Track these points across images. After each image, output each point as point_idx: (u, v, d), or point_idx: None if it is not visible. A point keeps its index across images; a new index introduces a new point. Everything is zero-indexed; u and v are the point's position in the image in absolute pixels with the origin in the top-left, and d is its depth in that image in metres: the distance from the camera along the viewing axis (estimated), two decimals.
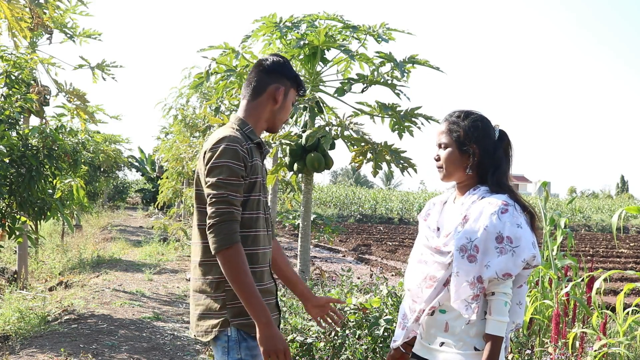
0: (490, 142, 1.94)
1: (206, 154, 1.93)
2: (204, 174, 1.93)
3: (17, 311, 5.26)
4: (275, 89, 2.05)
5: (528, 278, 1.96)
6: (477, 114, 1.97)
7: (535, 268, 1.90)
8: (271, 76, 2.06)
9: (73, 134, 6.22)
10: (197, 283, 1.99)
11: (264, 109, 2.07)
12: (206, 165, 1.91)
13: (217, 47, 5.62)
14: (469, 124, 1.94)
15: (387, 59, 5.65)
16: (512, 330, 1.94)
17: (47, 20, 7.16)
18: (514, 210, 1.86)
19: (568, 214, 30.92)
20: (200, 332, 1.97)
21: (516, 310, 1.92)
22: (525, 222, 1.87)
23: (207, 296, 1.96)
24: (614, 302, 3.83)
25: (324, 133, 5.49)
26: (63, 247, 10.69)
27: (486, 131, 1.95)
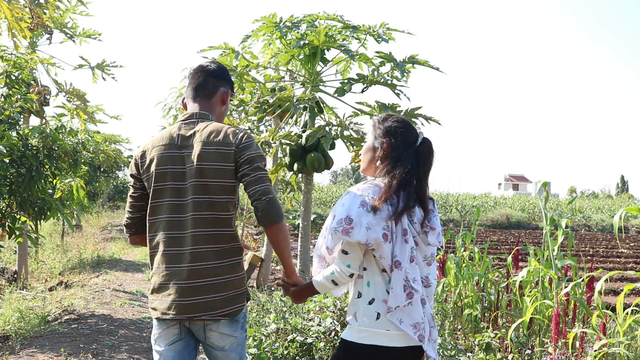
0: (400, 143, 2.09)
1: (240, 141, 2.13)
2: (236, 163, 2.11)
3: (17, 311, 5.26)
4: (227, 94, 2.34)
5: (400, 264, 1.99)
6: (399, 119, 2.15)
7: (375, 247, 1.97)
8: (220, 80, 2.32)
9: (73, 134, 6.22)
10: (223, 266, 2.11)
11: (217, 109, 2.33)
12: (245, 151, 2.11)
13: (217, 47, 5.62)
14: (385, 124, 2.13)
15: (387, 59, 5.65)
16: (391, 311, 1.99)
17: (47, 20, 7.16)
18: (353, 193, 2.03)
19: (568, 214, 30.92)
20: (227, 312, 2.10)
21: (385, 293, 2.01)
22: (356, 203, 1.99)
23: (232, 277, 2.13)
24: (614, 302, 3.83)
25: (324, 133, 5.49)
26: (63, 247, 10.69)
27: (400, 133, 2.11)
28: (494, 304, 4.54)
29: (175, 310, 2.09)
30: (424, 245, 2.09)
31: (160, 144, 2.18)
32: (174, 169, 2.14)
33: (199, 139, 2.14)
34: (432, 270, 2.14)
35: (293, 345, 3.70)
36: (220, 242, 2.12)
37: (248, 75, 5.82)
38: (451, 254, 4.99)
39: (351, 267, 2.02)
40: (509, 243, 16.66)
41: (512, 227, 27.41)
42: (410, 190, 2.04)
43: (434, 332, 2.09)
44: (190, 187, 2.10)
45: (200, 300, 2.08)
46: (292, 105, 5.71)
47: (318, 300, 3.99)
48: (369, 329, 1.99)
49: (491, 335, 3.81)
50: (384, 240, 1.96)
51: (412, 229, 2.06)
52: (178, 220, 2.12)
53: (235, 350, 2.16)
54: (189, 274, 2.09)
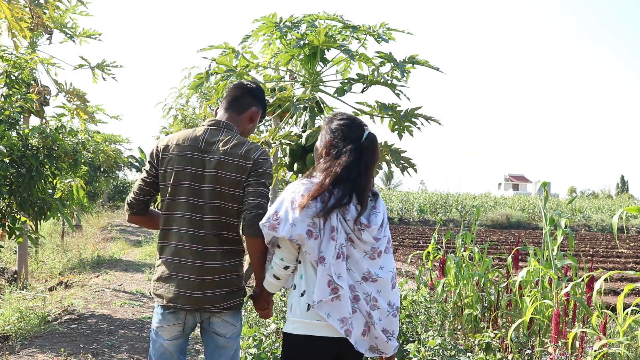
0: (340, 140, 2.16)
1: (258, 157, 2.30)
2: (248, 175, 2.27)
3: (17, 311, 5.26)
4: (255, 112, 2.46)
5: (310, 255, 2.07)
6: (344, 116, 2.23)
7: (297, 240, 2.05)
8: (255, 100, 2.47)
9: (73, 134, 6.22)
10: (229, 266, 2.32)
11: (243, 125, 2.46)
12: (258, 167, 2.28)
13: (217, 47, 5.61)
14: (330, 124, 2.22)
15: (387, 59, 5.64)
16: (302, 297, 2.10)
17: (47, 20, 7.16)
18: (290, 188, 2.13)
19: (568, 214, 30.90)
20: (228, 305, 2.31)
21: (310, 285, 2.10)
22: (287, 200, 2.08)
23: (234, 275, 2.33)
24: (614, 302, 3.83)
25: None
26: (63, 247, 10.69)
27: (341, 131, 2.17)
28: (494, 304, 4.54)
29: (182, 301, 2.26)
30: (358, 241, 2.11)
31: (184, 144, 2.32)
32: (193, 171, 2.28)
33: (222, 147, 2.29)
34: (380, 263, 2.15)
35: None
36: (228, 244, 2.32)
37: (248, 75, 5.81)
38: (451, 254, 4.99)
39: (284, 260, 2.13)
40: (509, 243, 16.66)
41: (512, 227, 27.41)
42: (347, 186, 2.09)
43: (372, 331, 2.10)
44: (207, 191, 2.27)
45: (206, 294, 2.27)
46: (292, 105, 5.71)
47: None
48: (301, 319, 2.08)
49: (491, 335, 3.81)
50: (308, 236, 2.03)
51: (344, 225, 2.09)
52: (194, 219, 2.27)
53: (235, 340, 2.38)
54: (199, 270, 2.27)
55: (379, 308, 2.12)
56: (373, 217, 2.17)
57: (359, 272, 2.11)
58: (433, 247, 5.32)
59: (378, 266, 2.15)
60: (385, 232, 2.20)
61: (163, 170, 2.34)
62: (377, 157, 2.23)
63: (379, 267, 2.15)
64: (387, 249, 2.20)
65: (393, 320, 2.14)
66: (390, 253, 2.22)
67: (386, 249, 2.19)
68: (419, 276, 5.27)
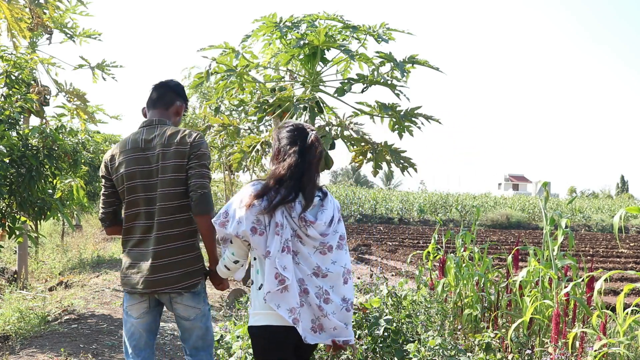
0: (287, 145, 2.33)
1: (194, 140, 2.50)
2: (188, 158, 2.47)
3: (17, 311, 5.26)
4: (182, 107, 2.72)
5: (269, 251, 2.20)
6: (292, 123, 2.43)
7: (243, 236, 2.22)
8: (179, 96, 2.72)
9: (73, 134, 6.22)
10: (180, 247, 2.49)
11: (174, 119, 2.71)
12: (196, 149, 2.48)
13: (217, 47, 5.61)
14: (278, 131, 2.43)
15: (387, 59, 5.64)
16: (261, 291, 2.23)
17: (47, 20, 7.16)
18: (243, 189, 2.30)
19: (568, 214, 30.89)
20: (182, 286, 2.48)
21: (257, 276, 2.28)
22: (237, 199, 2.25)
23: (190, 256, 2.51)
24: (614, 302, 3.83)
25: (324, 133, 5.48)
26: (63, 247, 10.69)
27: (288, 136, 2.36)
28: (494, 304, 4.53)
29: (142, 285, 2.47)
30: (305, 236, 2.25)
31: (126, 148, 2.56)
32: (141, 169, 2.52)
33: (159, 141, 2.52)
34: (331, 258, 2.28)
35: None
36: (178, 226, 2.49)
37: (248, 75, 5.81)
38: (451, 254, 4.99)
39: (235, 255, 2.33)
40: (509, 243, 16.66)
41: (512, 227, 27.40)
42: (292, 185, 2.25)
43: (326, 322, 2.23)
44: (156, 183, 2.49)
45: (163, 277, 2.46)
46: (292, 105, 5.70)
47: None
48: (259, 311, 2.23)
49: (491, 335, 3.81)
50: (252, 232, 2.19)
51: (290, 222, 2.24)
52: (149, 211, 2.50)
53: (200, 320, 2.55)
54: (154, 255, 2.46)
55: (333, 302, 2.25)
56: (320, 214, 2.30)
57: (308, 267, 2.24)
58: (433, 247, 5.32)
59: (330, 261, 2.27)
60: (337, 229, 2.33)
61: (115, 177, 2.58)
62: (321, 157, 2.39)
63: (331, 262, 2.27)
64: (340, 245, 2.32)
65: (347, 314, 2.28)
66: (344, 249, 2.33)
67: (338, 245, 2.31)
68: (419, 276, 5.27)
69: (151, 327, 2.57)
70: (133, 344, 2.55)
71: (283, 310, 2.17)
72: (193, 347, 2.57)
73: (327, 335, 2.26)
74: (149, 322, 2.56)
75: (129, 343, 2.56)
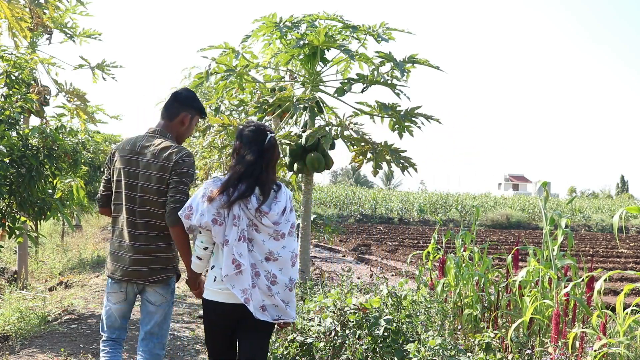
0: (246, 144, 2.62)
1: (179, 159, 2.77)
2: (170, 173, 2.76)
3: (17, 311, 5.26)
4: (184, 116, 2.94)
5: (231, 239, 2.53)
6: (253, 124, 2.69)
7: (206, 228, 2.55)
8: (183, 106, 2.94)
9: (73, 134, 6.21)
10: (157, 247, 2.83)
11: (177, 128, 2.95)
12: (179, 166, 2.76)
13: (217, 47, 5.61)
14: (240, 131, 2.68)
15: (387, 59, 5.64)
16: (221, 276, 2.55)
17: (47, 20, 7.16)
18: (205, 185, 2.59)
19: (568, 214, 30.86)
20: (155, 279, 2.83)
21: (220, 262, 2.59)
22: (200, 194, 2.56)
23: (164, 255, 2.85)
24: (614, 302, 3.83)
25: (324, 133, 5.48)
26: (63, 247, 10.69)
27: (247, 136, 2.63)
28: (494, 304, 4.53)
29: (120, 274, 2.84)
30: (261, 225, 2.57)
31: (126, 147, 2.86)
32: (129, 170, 2.82)
33: (152, 151, 2.79)
34: (283, 244, 2.61)
35: (293, 345, 3.70)
36: (154, 229, 2.81)
37: (248, 75, 5.81)
38: (451, 254, 4.99)
39: (204, 242, 2.63)
40: (509, 243, 16.66)
41: (512, 227, 27.40)
42: (250, 181, 2.55)
43: (272, 300, 2.58)
44: (139, 186, 2.80)
45: (137, 269, 2.82)
46: (292, 105, 5.70)
47: (318, 300, 3.99)
48: (210, 288, 2.61)
49: (491, 335, 3.81)
50: (213, 223, 2.52)
51: (246, 213, 2.55)
52: (130, 208, 2.82)
53: (163, 308, 2.89)
54: (133, 249, 2.81)
55: (278, 283, 2.60)
56: (274, 205, 2.61)
57: (261, 253, 2.58)
58: (433, 247, 5.32)
59: (281, 246, 2.61)
60: (289, 218, 2.64)
61: (112, 169, 2.91)
62: (277, 156, 2.71)
63: (282, 247, 2.61)
64: (291, 232, 2.65)
65: (289, 293, 2.63)
66: (294, 236, 2.67)
67: (289, 232, 2.64)
68: (419, 276, 5.26)
69: (125, 314, 2.94)
70: (109, 324, 2.94)
71: (237, 290, 2.52)
72: (149, 332, 2.88)
73: (272, 313, 2.60)
74: (124, 311, 2.93)
75: (105, 321, 2.94)
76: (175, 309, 6.11)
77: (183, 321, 5.56)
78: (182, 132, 2.96)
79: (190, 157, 2.80)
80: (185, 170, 2.77)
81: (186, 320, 5.62)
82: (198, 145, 11.44)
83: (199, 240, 2.64)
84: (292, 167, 6.29)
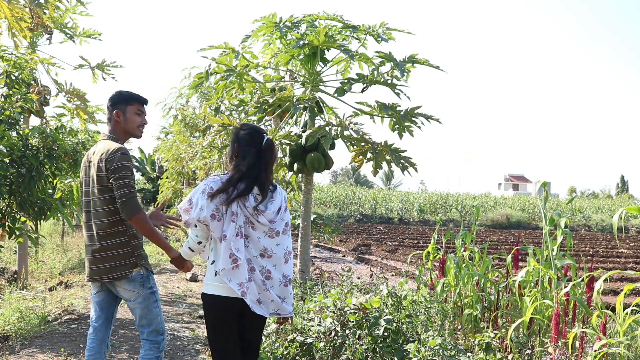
0: (245, 146, 2.75)
1: (108, 156, 2.91)
2: (107, 172, 2.92)
3: (17, 311, 5.26)
4: (116, 114, 3.10)
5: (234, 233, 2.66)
6: (248, 126, 2.82)
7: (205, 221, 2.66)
8: (112, 107, 3.12)
9: (73, 134, 6.21)
10: (110, 245, 2.96)
11: (117, 127, 3.12)
12: (111, 163, 2.90)
13: (217, 47, 5.61)
14: (237, 133, 2.81)
15: (387, 59, 5.64)
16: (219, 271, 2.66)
17: (47, 20, 7.16)
18: (204, 181, 2.72)
19: (568, 214, 30.86)
20: (114, 276, 2.96)
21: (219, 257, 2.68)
22: (199, 190, 2.68)
23: (118, 252, 2.97)
24: (614, 302, 3.83)
25: (324, 133, 5.48)
26: (63, 247, 10.70)
27: (245, 138, 2.76)
28: (494, 304, 4.53)
29: (87, 273, 3.08)
30: (257, 223, 2.69)
31: (86, 157, 3.08)
32: (85, 177, 3.05)
33: (96, 155, 2.99)
34: (277, 241, 2.73)
35: (293, 345, 3.70)
36: (107, 227, 2.96)
37: (248, 75, 5.81)
38: (451, 254, 4.99)
39: (198, 236, 2.75)
40: (509, 243, 16.66)
41: (512, 227, 27.40)
42: (249, 181, 2.68)
43: (267, 295, 2.69)
44: (89, 190, 3.01)
45: (96, 268, 3.00)
46: (292, 105, 5.70)
47: (318, 300, 3.99)
48: (210, 282, 2.70)
49: (491, 335, 3.81)
50: (212, 219, 2.64)
51: (243, 211, 2.67)
52: (87, 212, 3.03)
53: (140, 303, 3.00)
54: (91, 250, 3.01)
55: (272, 278, 2.70)
56: (270, 204, 2.74)
57: (256, 249, 2.69)
58: (433, 247, 5.32)
59: (275, 244, 2.73)
60: (283, 217, 2.77)
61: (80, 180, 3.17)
62: (275, 157, 2.85)
63: (276, 245, 2.73)
64: (285, 231, 2.77)
65: (285, 289, 2.73)
66: (288, 234, 2.79)
67: (284, 231, 2.76)
68: (419, 276, 5.26)
69: (102, 305, 3.11)
70: (95, 316, 3.14)
71: (234, 284, 2.63)
72: (140, 325, 3.03)
73: (269, 307, 2.71)
74: (100, 300, 3.11)
75: (92, 311, 3.15)
76: (175, 309, 6.11)
77: (183, 321, 5.56)
78: (123, 127, 3.10)
79: (119, 151, 2.92)
80: (118, 165, 2.89)
81: (186, 320, 5.62)
82: (198, 145, 11.44)
83: (193, 233, 2.75)
84: (292, 167, 6.28)
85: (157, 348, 3.01)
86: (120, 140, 3.09)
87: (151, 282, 3.06)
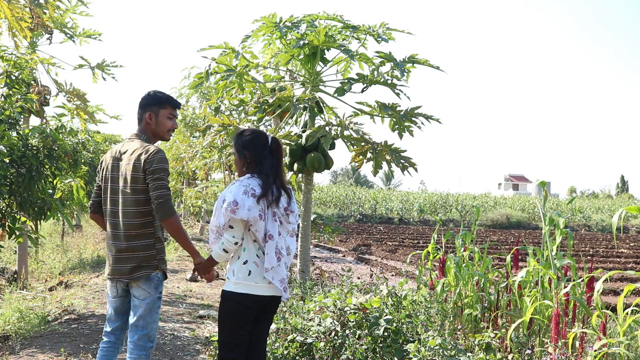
0: (255, 149, 2.85)
1: (148, 157, 2.92)
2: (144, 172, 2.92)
3: (17, 311, 5.26)
4: (148, 116, 3.09)
5: (279, 232, 2.84)
6: (249, 131, 2.91)
7: (251, 221, 2.74)
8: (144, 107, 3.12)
9: (73, 134, 6.21)
10: (137, 245, 2.98)
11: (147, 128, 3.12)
12: (150, 164, 2.91)
13: (217, 47, 5.61)
14: (240, 139, 2.90)
15: (387, 59, 5.64)
16: (271, 268, 2.78)
17: (47, 20, 7.16)
18: (239, 183, 2.78)
19: (568, 214, 30.90)
20: (135, 276, 2.97)
21: (263, 257, 2.80)
22: (241, 191, 2.73)
23: (144, 253, 2.99)
24: (614, 302, 3.84)
25: (324, 133, 5.48)
26: (63, 247, 10.69)
27: (252, 142, 2.87)
28: (494, 304, 4.54)
29: (108, 272, 3.08)
30: (286, 223, 2.87)
31: (111, 155, 3.08)
32: (111, 175, 3.03)
33: (128, 154, 2.99)
34: (293, 241, 2.93)
35: (293, 345, 3.70)
36: (136, 228, 2.97)
37: (248, 75, 5.81)
38: (451, 254, 4.99)
39: (235, 237, 2.79)
40: (509, 243, 16.66)
41: (512, 227, 27.40)
42: (277, 182, 2.83)
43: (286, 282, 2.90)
44: (119, 188, 2.98)
45: (118, 267, 3.01)
46: (292, 105, 5.70)
47: (318, 300, 3.99)
48: (242, 281, 2.78)
49: (491, 335, 3.81)
50: (260, 218, 2.74)
51: (278, 211, 2.82)
52: (112, 210, 3.02)
53: (146, 302, 3.02)
54: (115, 249, 3.01)
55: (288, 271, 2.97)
56: (293, 205, 2.91)
57: (285, 247, 2.85)
58: (433, 247, 5.32)
59: (293, 242, 2.93)
60: (297, 219, 2.93)
61: (101, 176, 3.12)
62: (283, 154, 2.97)
63: (292, 244, 2.92)
64: (295, 230, 2.94)
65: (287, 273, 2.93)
66: (294, 236, 2.96)
67: (295, 230, 2.92)
68: (419, 276, 5.27)
69: (118, 309, 3.13)
70: (107, 317, 3.18)
71: (276, 281, 2.77)
72: (134, 324, 3.02)
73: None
74: (117, 305, 3.13)
75: (108, 312, 3.18)
76: (175, 309, 6.11)
77: (183, 321, 5.56)
78: (154, 129, 3.10)
79: (158, 153, 2.94)
80: (157, 167, 2.91)
81: (186, 320, 5.62)
82: (198, 145, 11.45)
83: (229, 235, 2.78)
84: (292, 167, 6.29)
85: (145, 355, 3.01)
86: (150, 141, 3.09)
87: (162, 287, 3.11)
